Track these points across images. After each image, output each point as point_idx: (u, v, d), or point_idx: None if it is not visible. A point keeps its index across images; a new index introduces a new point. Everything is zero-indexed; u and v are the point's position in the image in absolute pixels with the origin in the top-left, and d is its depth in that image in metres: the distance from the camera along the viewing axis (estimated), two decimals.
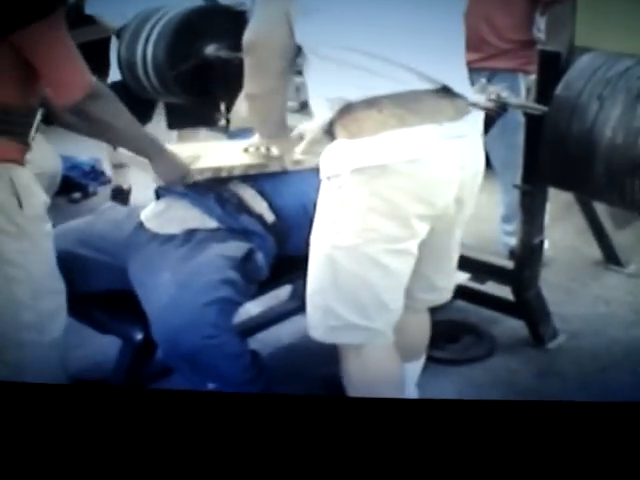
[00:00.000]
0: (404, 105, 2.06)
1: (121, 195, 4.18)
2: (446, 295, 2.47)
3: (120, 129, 2.23)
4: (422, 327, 2.54)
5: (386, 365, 2.31)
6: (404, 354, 2.47)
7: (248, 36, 2.15)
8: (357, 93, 2.06)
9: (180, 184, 2.46)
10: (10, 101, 2.09)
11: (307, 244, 2.36)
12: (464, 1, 2.24)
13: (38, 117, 2.17)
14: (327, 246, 2.17)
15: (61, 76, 2.06)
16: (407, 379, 2.53)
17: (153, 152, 2.36)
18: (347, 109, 2.08)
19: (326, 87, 2.11)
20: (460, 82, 2.18)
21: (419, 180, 2.09)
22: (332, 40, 2.05)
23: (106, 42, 3.75)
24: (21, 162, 2.15)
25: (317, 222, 2.19)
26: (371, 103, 2.06)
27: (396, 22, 2.06)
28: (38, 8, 1.98)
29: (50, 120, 2.25)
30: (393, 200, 2.08)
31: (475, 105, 2.61)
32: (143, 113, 3.50)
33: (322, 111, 2.15)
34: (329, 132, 2.17)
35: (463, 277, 3.12)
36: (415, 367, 2.57)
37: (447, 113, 2.12)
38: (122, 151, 2.48)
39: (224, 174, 2.53)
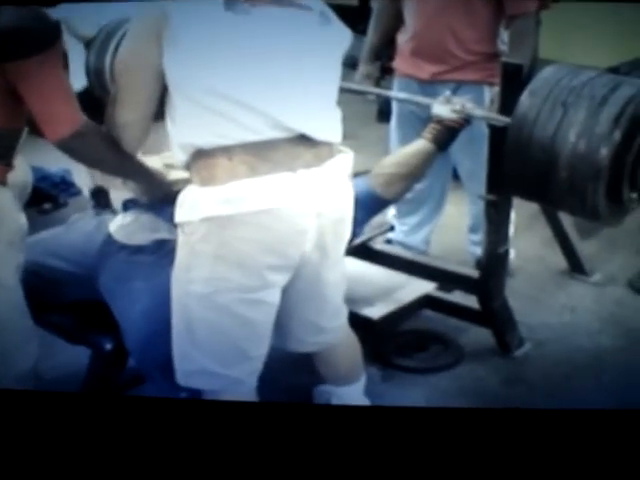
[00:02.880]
0: (255, 153, 1.99)
1: (102, 194, 4.12)
2: (336, 334, 2.38)
3: (106, 163, 2.18)
4: (344, 356, 2.48)
5: None
6: (335, 380, 2.47)
7: (120, 56, 2.06)
8: (208, 140, 1.99)
9: (161, 199, 2.45)
10: None
11: None
12: (342, 48, 2.15)
13: (23, 137, 2.14)
14: (180, 292, 2.11)
15: (49, 112, 2.01)
16: (348, 402, 2.47)
17: (140, 178, 2.33)
18: (199, 154, 2.02)
19: (179, 129, 2.04)
20: (324, 129, 2.09)
21: (269, 231, 2.02)
22: (191, 76, 1.96)
23: None
24: (3, 182, 2.13)
25: (174, 267, 2.13)
26: (222, 150, 1.98)
27: (256, 69, 1.97)
28: (29, 45, 1.94)
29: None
30: (242, 251, 2.02)
31: (439, 117, 2.67)
32: None
33: (178, 153, 2.07)
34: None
35: (430, 287, 3.16)
36: (351, 390, 2.50)
37: (303, 160, 2.04)
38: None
39: None
